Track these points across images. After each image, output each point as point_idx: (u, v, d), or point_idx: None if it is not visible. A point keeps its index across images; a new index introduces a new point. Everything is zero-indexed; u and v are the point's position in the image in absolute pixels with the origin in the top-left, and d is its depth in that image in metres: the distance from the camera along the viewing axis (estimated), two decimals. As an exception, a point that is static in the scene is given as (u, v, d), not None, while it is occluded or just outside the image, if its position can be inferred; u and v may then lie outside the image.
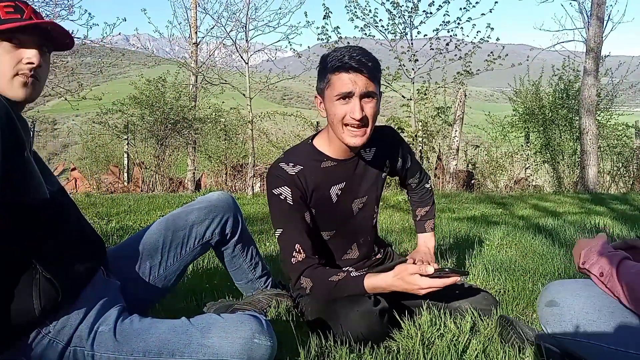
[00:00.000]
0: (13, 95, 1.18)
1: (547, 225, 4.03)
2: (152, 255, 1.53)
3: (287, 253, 1.56)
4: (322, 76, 1.53)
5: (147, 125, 10.42)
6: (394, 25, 9.26)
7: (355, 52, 1.48)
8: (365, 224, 1.76)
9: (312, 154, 1.64)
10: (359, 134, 1.51)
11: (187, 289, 2.08)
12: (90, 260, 1.28)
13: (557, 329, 1.22)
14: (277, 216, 1.59)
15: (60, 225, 1.21)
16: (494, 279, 2.20)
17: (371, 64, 1.48)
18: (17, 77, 1.17)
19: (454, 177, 9.52)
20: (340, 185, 1.65)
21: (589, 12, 9.36)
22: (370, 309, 1.45)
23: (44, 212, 1.17)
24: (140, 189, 10.06)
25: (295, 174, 1.59)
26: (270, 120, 12.12)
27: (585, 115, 9.22)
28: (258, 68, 10.88)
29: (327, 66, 1.51)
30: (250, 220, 4.45)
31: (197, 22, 12.08)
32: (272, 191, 1.58)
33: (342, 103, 1.49)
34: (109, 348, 1.16)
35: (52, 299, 1.12)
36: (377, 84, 1.53)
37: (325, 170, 1.63)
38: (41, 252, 1.14)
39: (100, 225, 4.13)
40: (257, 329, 1.16)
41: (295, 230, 1.56)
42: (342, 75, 1.47)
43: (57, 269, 1.14)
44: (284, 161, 1.62)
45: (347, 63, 1.46)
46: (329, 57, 1.51)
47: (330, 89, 1.51)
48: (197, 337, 1.15)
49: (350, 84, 1.47)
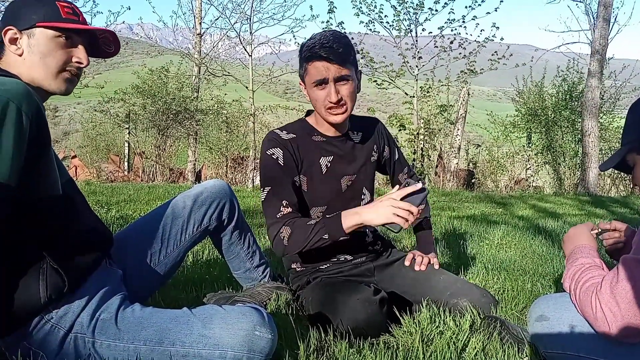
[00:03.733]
0: (54, 88, 1.25)
1: (546, 226, 4.04)
2: (152, 243, 1.54)
3: (274, 209, 1.61)
4: (301, 64, 1.63)
5: (149, 115, 10.41)
6: (399, 21, 9.23)
7: (326, 39, 1.55)
8: (353, 204, 1.77)
9: (305, 128, 1.74)
10: (339, 112, 1.62)
11: (187, 280, 2.09)
12: (97, 251, 1.29)
13: (548, 343, 1.23)
14: (268, 174, 1.65)
15: (70, 218, 1.23)
16: (493, 278, 2.21)
17: (342, 50, 1.55)
18: (64, 72, 1.26)
19: (455, 176, 9.51)
20: (328, 158, 1.73)
21: (595, 14, 9.34)
22: (370, 298, 1.48)
23: (56, 205, 1.19)
24: (140, 178, 10.06)
25: (288, 139, 1.68)
26: (272, 114, 12.13)
27: (587, 117, 9.21)
28: (261, 61, 10.87)
29: (302, 55, 1.60)
30: (250, 213, 4.45)
31: (202, 13, 12.04)
32: (266, 152, 1.66)
33: (320, 89, 1.60)
34: (110, 335, 1.17)
35: (58, 288, 1.14)
36: (351, 65, 1.60)
37: (316, 142, 1.72)
38: (50, 243, 1.15)
39: (100, 214, 4.13)
40: (258, 321, 1.16)
41: (283, 189, 1.63)
42: (315, 63, 1.57)
43: (65, 259, 1.16)
44: (279, 129, 1.73)
45: (317, 52, 1.54)
46: (304, 45, 1.60)
47: (307, 77, 1.61)
48: (198, 327, 1.16)
49: (323, 71, 1.56)
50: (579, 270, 1.21)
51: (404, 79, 9.50)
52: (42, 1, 1.23)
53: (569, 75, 11.37)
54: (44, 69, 1.22)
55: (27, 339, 1.14)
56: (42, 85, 1.24)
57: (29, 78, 1.21)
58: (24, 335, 1.14)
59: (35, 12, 1.21)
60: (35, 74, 1.22)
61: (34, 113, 1.07)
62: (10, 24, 1.21)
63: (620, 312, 1.04)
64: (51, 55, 1.22)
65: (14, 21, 1.21)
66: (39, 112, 1.09)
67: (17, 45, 1.21)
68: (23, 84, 1.08)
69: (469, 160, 10.78)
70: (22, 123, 1.04)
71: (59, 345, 1.16)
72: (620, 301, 1.04)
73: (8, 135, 1.02)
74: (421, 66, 9.31)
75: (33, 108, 1.07)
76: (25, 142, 1.05)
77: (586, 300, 1.11)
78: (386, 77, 9.36)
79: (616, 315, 1.05)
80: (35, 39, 1.21)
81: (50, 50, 1.22)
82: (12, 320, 1.12)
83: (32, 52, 1.21)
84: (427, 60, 9.36)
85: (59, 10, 1.24)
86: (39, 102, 1.10)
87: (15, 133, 1.02)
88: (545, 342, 1.23)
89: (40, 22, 1.21)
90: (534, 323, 1.28)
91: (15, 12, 1.22)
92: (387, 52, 9.75)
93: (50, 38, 1.22)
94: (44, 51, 1.22)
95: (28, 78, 1.21)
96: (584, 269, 1.20)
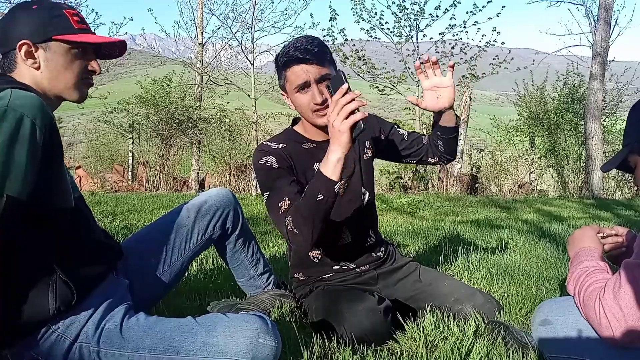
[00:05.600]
0: (74, 97, 1.28)
1: (551, 230, 4.02)
2: (156, 252, 1.54)
3: (276, 208, 1.54)
4: (279, 74, 1.61)
5: (152, 124, 10.46)
6: (400, 28, 9.26)
7: (299, 42, 1.54)
8: (353, 205, 1.77)
9: (294, 136, 1.72)
10: (325, 112, 1.56)
11: (191, 289, 2.09)
12: (106, 264, 1.31)
13: (552, 347, 1.22)
14: (265, 180, 1.61)
15: (80, 231, 1.25)
16: (498, 283, 2.20)
17: (317, 49, 1.53)
18: (81, 81, 1.28)
19: (458, 181, 9.49)
20: None
21: (596, 17, 9.35)
22: (374, 307, 1.46)
23: (67, 218, 1.21)
24: (144, 188, 10.08)
25: (279, 149, 1.65)
26: (275, 121, 12.14)
27: (590, 120, 9.19)
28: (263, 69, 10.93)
29: (279, 64, 1.59)
30: (254, 220, 4.46)
31: (204, 23, 12.13)
32: (258, 162, 1.62)
33: (303, 93, 1.57)
34: (114, 344, 1.17)
35: (67, 300, 1.15)
36: (330, 64, 1.58)
37: (306, 150, 1.70)
38: (61, 256, 1.17)
39: (104, 223, 4.14)
40: (262, 329, 1.16)
41: (282, 186, 1.56)
42: (293, 68, 1.54)
43: (75, 272, 1.17)
44: (268, 141, 1.71)
45: (292, 56, 1.52)
46: (279, 55, 1.59)
47: (288, 84, 1.59)
48: (202, 335, 1.16)
49: (303, 74, 1.53)
50: (583, 273, 1.20)
51: (406, 84, 9.53)
52: (51, 12, 1.23)
53: (570, 78, 11.36)
54: (63, 81, 1.24)
55: (34, 348, 1.15)
56: (61, 96, 1.26)
57: (46, 89, 1.23)
58: (31, 345, 1.15)
59: (49, 24, 1.21)
60: (54, 86, 1.24)
61: (47, 127, 1.08)
62: (24, 38, 1.20)
63: (623, 317, 1.04)
64: (69, 67, 1.24)
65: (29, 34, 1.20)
66: (52, 126, 1.11)
67: (34, 59, 1.21)
68: (37, 97, 1.09)
69: (472, 164, 10.75)
70: (36, 137, 1.05)
71: (65, 355, 1.16)
72: (623, 306, 1.04)
73: (22, 149, 1.03)
74: (422, 72, 9.31)
75: (47, 121, 1.08)
76: (39, 156, 1.07)
77: (590, 306, 1.11)
78: (388, 83, 9.39)
79: (620, 320, 1.04)
80: (51, 52, 1.22)
81: (68, 63, 1.24)
82: (19, 330, 1.13)
83: (49, 65, 1.22)
84: (429, 66, 9.37)
85: (70, 20, 1.24)
86: (52, 115, 1.12)
87: (29, 147, 1.04)
88: (549, 346, 1.23)
89: (56, 35, 1.21)
90: (537, 327, 1.27)
91: (26, 24, 1.21)
92: (388, 59, 9.78)
93: (66, 51, 1.23)
94: (62, 64, 1.23)
95: (45, 89, 1.23)
96: (589, 272, 1.20)
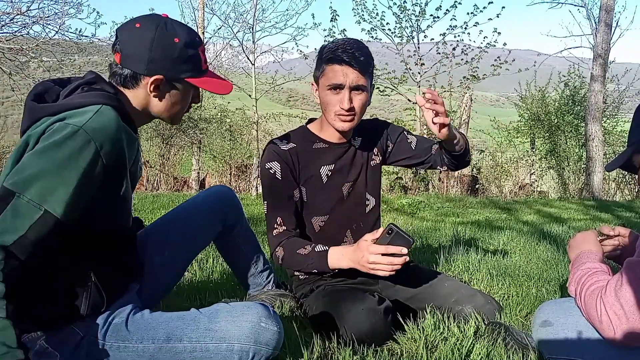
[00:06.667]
0: (169, 122, 1.37)
1: (551, 231, 4.02)
2: (159, 251, 1.55)
3: (270, 226, 1.66)
4: (318, 65, 1.62)
5: (153, 124, 10.45)
6: (401, 28, 9.27)
7: (349, 45, 1.54)
8: (358, 210, 1.78)
9: (306, 135, 1.73)
10: (347, 119, 1.60)
11: (191, 288, 2.09)
12: (131, 277, 1.39)
13: (552, 348, 1.23)
14: (266, 189, 1.68)
15: (123, 250, 1.32)
16: (498, 284, 2.19)
17: (363, 59, 1.54)
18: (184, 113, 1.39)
19: (459, 182, 9.50)
20: (329, 166, 1.72)
21: (597, 18, 9.34)
22: (374, 307, 1.47)
23: (116, 236, 1.27)
24: (144, 187, 10.09)
25: (287, 150, 1.67)
26: (276, 122, 12.15)
27: (591, 121, 9.19)
28: (264, 69, 10.92)
29: (322, 56, 1.59)
30: (254, 220, 4.46)
31: (204, 23, 12.11)
32: (265, 164, 1.67)
33: (333, 93, 1.58)
34: (119, 337, 1.20)
35: (97, 306, 1.20)
36: (369, 77, 1.60)
37: (316, 150, 1.71)
38: (99, 267, 1.21)
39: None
40: (263, 314, 1.19)
41: (279, 204, 1.65)
42: (334, 67, 1.55)
43: (108, 282, 1.22)
44: (279, 139, 1.72)
45: (339, 55, 1.53)
46: (326, 47, 1.60)
47: (323, 78, 1.59)
48: (204, 322, 1.19)
49: (342, 76, 1.54)
50: (585, 275, 1.20)
51: (407, 85, 9.53)
52: (188, 50, 1.24)
53: (571, 80, 11.36)
54: (174, 111, 1.33)
55: (47, 339, 1.16)
56: (159, 118, 1.34)
57: (152, 112, 1.30)
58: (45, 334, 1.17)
59: (184, 61, 1.25)
60: (161, 113, 1.31)
61: (113, 156, 1.12)
62: (159, 73, 1.23)
63: (625, 315, 1.04)
64: (184, 101, 1.33)
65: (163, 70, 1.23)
66: (119, 156, 1.14)
67: (159, 92, 1.26)
68: (116, 123, 1.12)
69: (472, 165, 10.76)
70: (97, 165, 1.08)
71: (73, 348, 1.18)
72: (624, 304, 1.04)
73: (75, 172, 1.05)
74: (423, 72, 9.33)
75: (114, 150, 1.12)
76: (95, 183, 1.10)
77: (591, 304, 1.11)
78: (389, 83, 9.39)
79: (621, 319, 1.05)
80: (177, 90, 1.29)
81: (185, 98, 1.33)
82: (46, 324, 1.16)
83: (169, 98, 1.29)
84: (430, 67, 9.39)
85: (201, 60, 1.29)
86: (124, 143, 1.15)
87: (84, 172, 1.06)
88: (549, 347, 1.23)
89: (189, 78, 1.28)
90: (538, 328, 1.27)
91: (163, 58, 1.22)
92: (389, 59, 9.77)
93: (189, 90, 1.31)
94: (180, 99, 1.31)
95: (151, 112, 1.30)
96: (590, 273, 1.20)
